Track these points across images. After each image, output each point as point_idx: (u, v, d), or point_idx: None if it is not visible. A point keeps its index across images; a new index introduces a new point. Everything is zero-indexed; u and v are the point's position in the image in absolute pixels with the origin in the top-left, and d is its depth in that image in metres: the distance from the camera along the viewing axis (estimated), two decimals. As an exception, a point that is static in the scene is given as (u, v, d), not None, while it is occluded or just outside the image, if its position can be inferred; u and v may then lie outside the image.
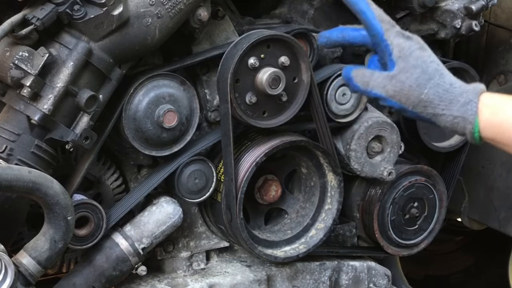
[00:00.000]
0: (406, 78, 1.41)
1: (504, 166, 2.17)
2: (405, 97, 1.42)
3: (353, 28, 1.52)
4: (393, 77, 1.43)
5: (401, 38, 1.44)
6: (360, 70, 1.48)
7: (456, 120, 1.38)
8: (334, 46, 1.58)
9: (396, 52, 1.43)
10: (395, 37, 1.44)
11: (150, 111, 1.63)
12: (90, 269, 1.63)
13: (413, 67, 1.41)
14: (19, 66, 1.44)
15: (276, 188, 1.83)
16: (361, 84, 1.47)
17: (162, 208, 1.72)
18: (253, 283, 1.81)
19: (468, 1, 1.95)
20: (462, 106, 1.37)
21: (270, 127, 1.71)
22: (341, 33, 1.54)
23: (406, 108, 1.43)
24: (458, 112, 1.38)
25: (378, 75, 1.45)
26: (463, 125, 1.38)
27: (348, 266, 1.93)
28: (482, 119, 1.36)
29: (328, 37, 1.55)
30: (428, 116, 1.41)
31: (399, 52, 1.43)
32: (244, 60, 1.64)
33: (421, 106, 1.41)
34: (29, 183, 1.37)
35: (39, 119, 1.47)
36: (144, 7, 1.53)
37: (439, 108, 1.39)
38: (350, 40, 1.52)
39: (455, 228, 2.93)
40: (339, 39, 1.53)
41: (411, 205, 1.96)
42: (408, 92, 1.41)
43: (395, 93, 1.42)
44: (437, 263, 3.10)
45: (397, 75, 1.42)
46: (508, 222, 2.18)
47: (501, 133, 1.36)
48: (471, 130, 1.37)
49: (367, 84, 1.46)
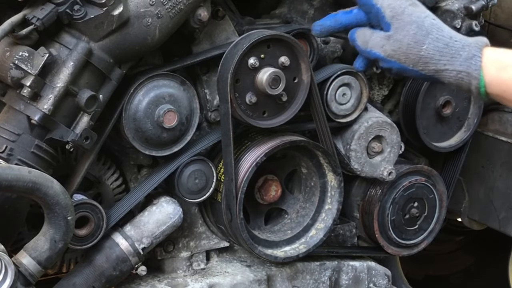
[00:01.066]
0: (403, 36, 1.40)
1: (504, 166, 2.17)
2: (404, 55, 1.40)
3: (344, 11, 1.53)
4: (390, 36, 1.42)
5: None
6: (362, 30, 1.48)
7: (460, 75, 1.35)
8: (329, 32, 1.58)
9: (388, 13, 1.42)
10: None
11: (150, 111, 1.62)
12: (90, 269, 1.63)
13: (408, 23, 1.40)
14: (19, 66, 1.44)
15: (276, 188, 1.83)
16: (361, 43, 1.47)
17: (162, 208, 1.72)
18: (253, 283, 1.81)
19: (468, 1, 1.95)
20: (465, 60, 1.35)
21: (270, 127, 1.71)
22: (333, 18, 1.55)
23: (406, 67, 1.41)
24: (462, 66, 1.35)
25: (377, 35, 1.45)
26: (468, 81, 1.35)
27: (348, 266, 1.93)
28: (488, 75, 1.33)
29: (321, 25, 1.56)
30: (430, 73, 1.39)
31: (391, 12, 1.42)
32: (244, 60, 1.64)
33: (421, 63, 1.39)
34: (29, 183, 1.37)
35: (39, 119, 1.47)
36: (144, 7, 1.53)
37: (440, 64, 1.37)
38: (344, 22, 1.53)
39: (455, 228, 2.93)
40: (333, 23, 1.54)
41: (411, 205, 1.96)
42: (406, 50, 1.39)
43: (394, 52, 1.41)
44: (437, 263, 3.10)
45: (394, 34, 1.41)
46: (508, 222, 2.18)
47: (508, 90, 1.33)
48: (477, 86, 1.34)
49: (367, 43, 1.46)
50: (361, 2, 1.47)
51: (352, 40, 1.50)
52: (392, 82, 2.00)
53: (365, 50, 1.47)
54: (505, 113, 2.17)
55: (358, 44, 1.48)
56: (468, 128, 2.05)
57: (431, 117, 2.01)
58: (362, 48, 1.47)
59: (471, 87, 1.35)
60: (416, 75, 1.42)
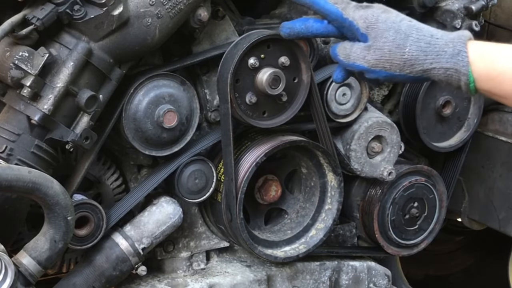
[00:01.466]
0: (382, 43, 1.38)
1: (504, 166, 2.17)
2: (388, 62, 1.38)
3: (316, 20, 1.51)
4: (370, 46, 1.40)
5: (361, 10, 1.42)
6: (342, 44, 1.46)
7: (448, 72, 1.34)
8: (298, 37, 1.57)
9: (362, 24, 1.41)
10: (355, 11, 1.42)
11: (150, 111, 1.63)
12: (90, 269, 1.64)
13: (385, 30, 1.38)
14: (19, 66, 1.44)
15: (276, 188, 1.83)
16: (343, 57, 1.45)
17: (162, 208, 1.72)
18: (253, 283, 1.81)
19: (468, 1, 1.95)
20: (452, 57, 1.33)
21: (270, 127, 1.71)
22: (304, 24, 1.53)
23: (393, 74, 1.39)
24: (448, 63, 1.33)
25: (357, 47, 1.43)
26: (457, 77, 1.33)
27: (348, 266, 1.93)
28: (476, 70, 1.32)
29: (291, 28, 1.55)
30: (419, 74, 1.37)
31: (364, 23, 1.41)
32: (244, 60, 1.64)
33: (407, 66, 1.37)
34: (29, 183, 1.37)
35: (39, 119, 1.47)
36: (144, 7, 1.53)
37: (427, 63, 1.35)
38: (314, 31, 1.51)
39: (455, 228, 2.93)
40: (303, 30, 1.53)
41: (411, 205, 1.96)
42: (389, 57, 1.38)
43: (377, 61, 1.40)
44: (437, 263, 3.10)
45: (374, 44, 1.39)
46: (508, 222, 2.17)
47: (497, 85, 1.32)
48: (466, 82, 1.32)
49: (348, 57, 1.44)
50: (331, 18, 1.45)
51: (334, 56, 1.49)
52: (392, 82, 2.00)
53: (348, 64, 1.45)
54: (505, 113, 2.17)
55: (340, 59, 1.46)
56: (468, 128, 2.05)
57: (431, 117, 2.01)
58: (345, 62, 1.45)
59: (460, 83, 1.34)
60: (405, 78, 1.40)
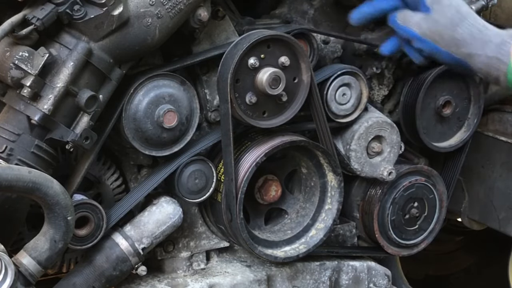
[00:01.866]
0: (440, 17, 1.47)
1: (504, 166, 2.17)
2: (439, 35, 1.46)
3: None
4: (428, 17, 1.49)
5: None
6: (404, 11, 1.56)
7: (490, 60, 1.40)
8: (367, 18, 1.65)
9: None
10: None
11: (150, 111, 1.63)
12: (90, 269, 1.63)
13: (447, 6, 1.47)
14: (19, 66, 1.44)
15: (276, 188, 1.83)
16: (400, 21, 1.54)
17: (162, 208, 1.72)
18: (253, 283, 1.81)
19: (468, 1, 1.94)
20: (497, 46, 1.40)
21: (270, 127, 1.71)
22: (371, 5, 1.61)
23: (439, 48, 1.47)
24: (492, 52, 1.40)
25: (416, 14, 1.52)
26: (497, 66, 1.39)
27: (348, 266, 1.93)
28: None
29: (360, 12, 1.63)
30: (462, 56, 1.44)
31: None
32: (244, 60, 1.64)
33: (454, 45, 1.45)
34: (29, 183, 1.37)
35: (39, 119, 1.47)
36: (144, 7, 1.53)
37: (473, 48, 1.42)
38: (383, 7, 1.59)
39: (455, 228, 2.93)
40: (371, 10, 1.61)
41: (411, 205, 1.96)
42: (442, 31, 1.46)
43: (430, 31, 1.48)
44: (437, 263, 3.10)
45: (432, 15, 1.48)
46: (508, 222, 2.17)
47: None
48: (505, 71, 1.38)
49: (405, 21, 1.53)
50: None
51: (391, 21, 1.57)
52: (392, 82, 2.00)
53: (402, 27, 1.53)
54: (505, 113, 2.17)
55: (397, 22, 1.54)
56: (468, 128, 2.05)
57: (431, 117, 2.01)
58: (400, 26, 1.54)
59: (499, 72, 1.40)
60: (447, 58, 1.48)
